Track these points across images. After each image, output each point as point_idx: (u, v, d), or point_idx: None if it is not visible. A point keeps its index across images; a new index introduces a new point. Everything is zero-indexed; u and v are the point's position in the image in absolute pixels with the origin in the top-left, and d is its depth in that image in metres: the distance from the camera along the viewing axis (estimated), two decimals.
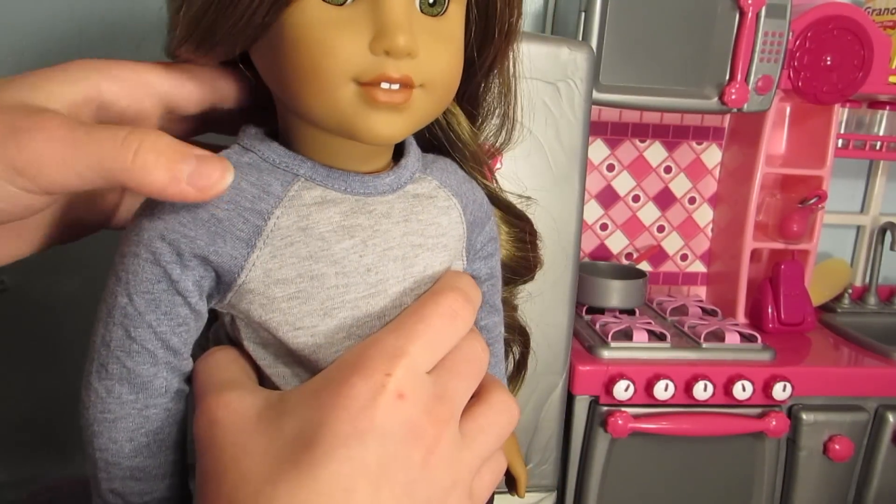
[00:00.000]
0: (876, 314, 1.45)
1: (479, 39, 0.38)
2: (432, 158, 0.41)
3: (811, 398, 1.15)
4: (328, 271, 0.34)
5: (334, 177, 0.35)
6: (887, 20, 1.29)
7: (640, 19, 1.08)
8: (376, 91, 0.31)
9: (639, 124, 1.39)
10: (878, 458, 1.18)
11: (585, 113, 0.91)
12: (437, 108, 0.36)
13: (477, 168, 0.43)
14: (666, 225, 1.45)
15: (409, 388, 0.30)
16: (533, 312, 0.52)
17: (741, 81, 1.11)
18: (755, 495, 1.16)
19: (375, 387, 0.30)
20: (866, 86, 1.19)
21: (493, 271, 0.44)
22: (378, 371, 0.30)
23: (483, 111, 0.43)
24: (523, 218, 0.47)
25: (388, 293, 0.36)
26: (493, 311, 0.45)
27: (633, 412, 1.08)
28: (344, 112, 0.32)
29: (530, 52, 0.88)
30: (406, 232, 0.36)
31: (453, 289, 0.35)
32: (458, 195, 0.39)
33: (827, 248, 1.52)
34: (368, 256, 0.35)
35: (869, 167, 1.52)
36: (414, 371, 0.31)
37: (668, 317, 1.28)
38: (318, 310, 0.34)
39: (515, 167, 0.87)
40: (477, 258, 0.43)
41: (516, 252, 0.47)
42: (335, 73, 0.31)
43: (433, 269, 0.37)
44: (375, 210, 0.36)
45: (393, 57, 0.31)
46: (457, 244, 0.39)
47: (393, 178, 0.37)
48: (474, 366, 0.35)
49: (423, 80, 0.33)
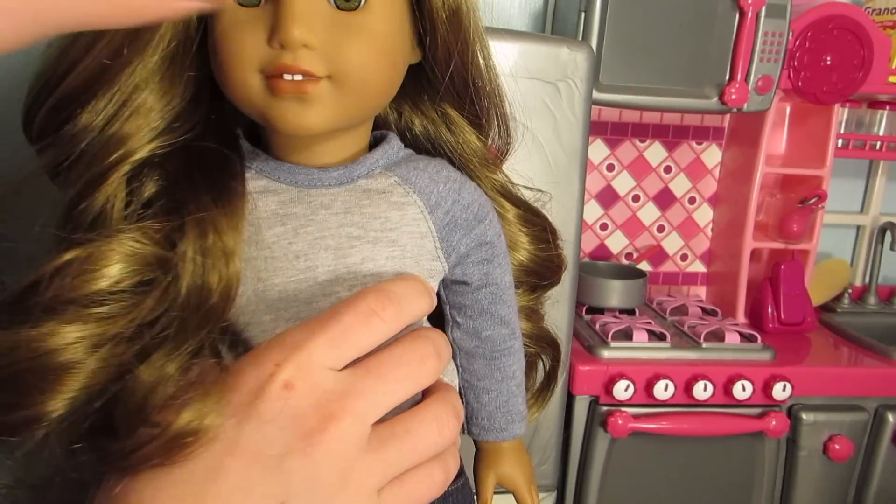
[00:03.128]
0: (876, 314, 1.45)
1: (425, 34, 0.38)
2: (417, 158, 0.41)
3: (811, 398, 1.15)
4: (259, 255, 0.36)
5: (282, 169, 0.38)
6: (887, 20, 1.29)
7: (640, 19, 1.08)
8: (278, 81, 0.33)
9: (639, 124, 1.39)
10: (878, 458, 1.18)
11: (585, 113, 0.91)
12: (359, 101, 0.36)
13: (487, 169, 0.43)
14: (666, 225, 1.45)
15: (299, 380, 0.30)
16: None
17: (741, 81, 1.11)
18: (755, 495, 1.16)
19: (263, 376, 0.30)
20: (866, 86, 1.19)
21: (491, 278, 0.43)
22: (269, 361, 0.31)
23: (483, 114, 0.43)
24: (540, 215, 0.47)
25: (316, 280, 0.37)
26: (498, 323, 0.44)
27: (632, 412, 1.08)
28: (256, 103, 0.35)
29: (530, 52, 0.88)
30: (343, 223, 0.37)
31: (377, 290, 0.34)
32: (424, 193, 0.39)
33: (827, 248, 1.52)
34: (298, 244, 0.37)
35: (869, 167, 1.52)
36: (309, 364, 0.31)
37: (668, 317, 1.28)
38: (250, 290, 0.36)
39: (515, 167, 0.86)
40: (465, 263, 0.42)
41: (539, 252, 0.46)
42: (240, 67, 0.34)
43: (375, 262, 0.37)
44: (315, 201, 0.37)
45: (288, 49, 0.33)
46: (416, 242, 0.39)
47: (342, 172, 0.38)
48: (403, 370, 0.33)
49: (329, 71, 0.34)
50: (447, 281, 0.44)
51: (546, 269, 0.47)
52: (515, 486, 0.49)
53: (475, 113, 0.43)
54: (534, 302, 0.48)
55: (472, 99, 0.42)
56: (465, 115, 0.43)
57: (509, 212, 0.45)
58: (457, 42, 0.39)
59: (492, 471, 0.49)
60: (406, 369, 0.33)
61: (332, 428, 0.30)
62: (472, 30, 0.39)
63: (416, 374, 0.34)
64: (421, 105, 0.44)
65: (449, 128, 0.43)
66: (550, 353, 0.51)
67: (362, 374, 0.32)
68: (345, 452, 0.31)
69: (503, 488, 0.50)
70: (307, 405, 0.30)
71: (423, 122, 0.44)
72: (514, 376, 0.46)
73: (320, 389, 0.31)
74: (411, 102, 0.44)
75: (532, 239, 0.46)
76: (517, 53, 0.87)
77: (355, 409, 0.31)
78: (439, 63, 0.39)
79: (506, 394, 0.46)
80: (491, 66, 0.42)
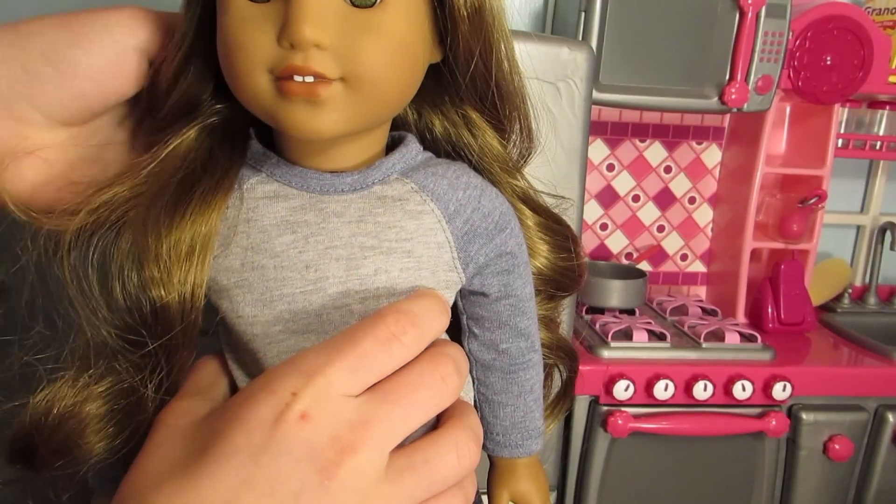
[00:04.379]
0: (876, 314, 1.45)
1: (446, 32, 0.36)
2: (436, 162, 0.40)
3: (811, 398, 1.15)
4: (268, 263, 0.35)
5: (294, 173, 0.36)
6: (887, 20, 1.29)
7: (640, 19, 1.08)
8: (288, 83, 0.31)
9: (639, 124, 1.39)
10: (878, 458, 1.18)
11: (585, 113, 0.91)
12: (375, 104, 0.34)
13: (508, 174, 0.42)
14: (666, 225, 1.45)
15: (315, 410, 0.29)
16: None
17: (741, 81, 1.11)
18: (755, 495, 1.16)
19: (279, 405, 0.29)
20: (866, 86, 1.19)
21: (511, 290, 0.41)
22: (285, 389, 0.29)
23: (505, 118, 0.41)
24: (562, 222, 0.45)
25: (327, 292, 0.35)
26: (517, 335, 0.43)
27: (633, 412, 1.08)
28: (265, 105, 0.33)
29: (530, 52, 0.88)
30: (356, 233, 0.35)
31: (398, 311, 0.32)
32: (442, 201, 0.37)
33: (827, 248, 1.52)
34: (308, 253, 0.35)
35: (869, 167, 1.52)
36: (326, 393, 0.29)
37: (668, 317, 1.28)
38: (258, 300, 0.35)
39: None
40: (484, 273, 0.40)
41: (560, 262, 0.44)
42: (248, 67, 0.32)
43: (388, 274, 0.36)
44: (327, 208, 0.36)
45: (298, 49, 0.31)
46: (433, 252, 0.37)
47: (357, 177, 0.36)
48: (422, 394, 0.32)
49: (343, 73, 0.32)
50: (465, 291, 0.41)
51: (566, 277, 0.45)
52: (526, 500, 0.47)
53: (496, 115, 0.41)
54: (551, 311, 0.47)
55: (494, 101, 0.40)
56: (486, 117, 0.41)
57: (530, 219, 0.43)
58: (479, 41, 0.36)
59: (506, 488, 0.47)
60: (426, 392, 0.32)
61: (349, 460, 0.29)
62: (496, 29, 0.38)
63: (437, 397, 0.33)
64: (441, 106, 0.41)
65: (470, 130, 0.41)
66: (568, 363, 0.49)
67: (380, 399, 0.31)
68: (362, 486, 0.29)
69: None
70: (324, 436, 0.29)
71: (444, 123, 0.42)
72: (532, 391, 0.44)
73: (338, 420, 0.29)
74: (431, 103, 0.42)
75: (552, 247, 0.44)
76: (517, 53, 0.87)
77: (373, 438, 0.30)
78: (460, 62, 0.37)
79: (523, 409, 0.44)
80: (515, 67, 0.41)
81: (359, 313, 0.36)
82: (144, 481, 0.30)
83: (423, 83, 0.37)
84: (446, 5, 0.35)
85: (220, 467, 0.28)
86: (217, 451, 0.29)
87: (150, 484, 0.30)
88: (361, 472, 0.29)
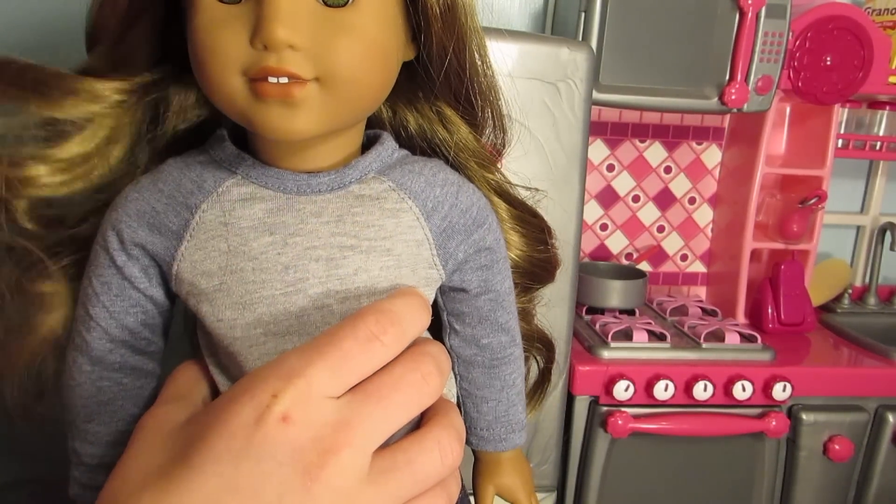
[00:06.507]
0: (876, 314, 1.45)
1: (419, 30, 0.37)
2: (412, 160, 0.40)
3: (811, 398, 1.15)
4: (246, 266, 0.35)
5: (269, 175, 0.36)
6: (887, 20, 1.29)
7: (640, 19, 1.08)
8: (262, 84, 0.31)
9: (639, 124, 1.39)
10: (878, 459, 1.18)
11: (585, 113, 0.91)
12: (350, 103, 0.34)
13: (484, 169, 0.42)
14: (666, 225, 1.45)
15: (297, 412, 0.29)
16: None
17: (741, 81, 1.11)
18: (755, 495, 1.16)
19: (260, 407, 0.29)
20: (866, 86, 1.19)
21: (490, 285, 0.42)
22: (266, 392, 0.29)
23: (479, 112, 0.42)
24: (537, 215, 0.46)
25: (307, 293, 0.35)
26: (498, 330, 0.43)
27: (632, 412, 1.08)
28: (239, 107, 0.33)
29: (530, 52, 0.88)
30: (335, 232, 0.35)
31: (378, 310, 0.32)
32: (420, 198, 0.37)
33: (827, 249, 1.52)
34: (287, 254, 0.35)
35: (869, 167, 1.52)
36: (307, 395, 0.29)
37: (668, 317, 1.28)
38: (237, 303, 0.35)
39: (515, 167, 0.86)
40: (463, 269, 0.41)
41: (535, 254, 0.45)
42: (221, 70, 0.32)
43: (368, 273, 0.36)
44: (305, 209, 0.36)
45: (272, 50, 0.31)
46: (412, 250, 0.37)
47: (333, 177, 0.36)
48: (404, 393, 0.31)
49: (317, 73, 0.32)
50: (445, 287, 0.42)
51: (541, 269, 0.46)
52: (515, 497, 0.48)
53: (471, 110, 0.41)
54: (527, 303, 0.47)
55: (468, 96, 0.40)
56: (460, 112, 0.41)
57: (504, 211, 0.43)
58: (452, 39, 0.37)
59: (491, 482, 0.48)
60: (408, 391, 0.32)
61: (331, 462, 0.29)
62: (468, 26, 0.38)
63: (419, 396, 0.32)
64: (416, 103, 0.42)
65: (445, 126, 0.41)
66: (545, 353, 0.49)
67: (361, 399, 0.31)
68: (345, 487, 0.29)
69: (503, 499, 0.49)
70: (306, 438, 0.29)
71: (419, 119, 0.42)
72: (514, 385, 0.45)
73: (319, 421, 0.29)
74: (406, 100, 0.42)
75: (528, 239, 0.44)
76: (517, 53, 0.87)
77: (355, 439, 0.30)
78: (434, 60, 0.37)
79: (506, 403, 0.45)
80: (487, 62, 0.41)
81: (339, 313, 0.36)
82: (125, 487, 0.30)
83: (397, 81, 0.38)
84: (419, 4, 0.35)
85: (202, 472, 0.28)
86: (198, 456, 0.28)
87: (131, 490, 0.29)
88: (344, 474, 0.29)
